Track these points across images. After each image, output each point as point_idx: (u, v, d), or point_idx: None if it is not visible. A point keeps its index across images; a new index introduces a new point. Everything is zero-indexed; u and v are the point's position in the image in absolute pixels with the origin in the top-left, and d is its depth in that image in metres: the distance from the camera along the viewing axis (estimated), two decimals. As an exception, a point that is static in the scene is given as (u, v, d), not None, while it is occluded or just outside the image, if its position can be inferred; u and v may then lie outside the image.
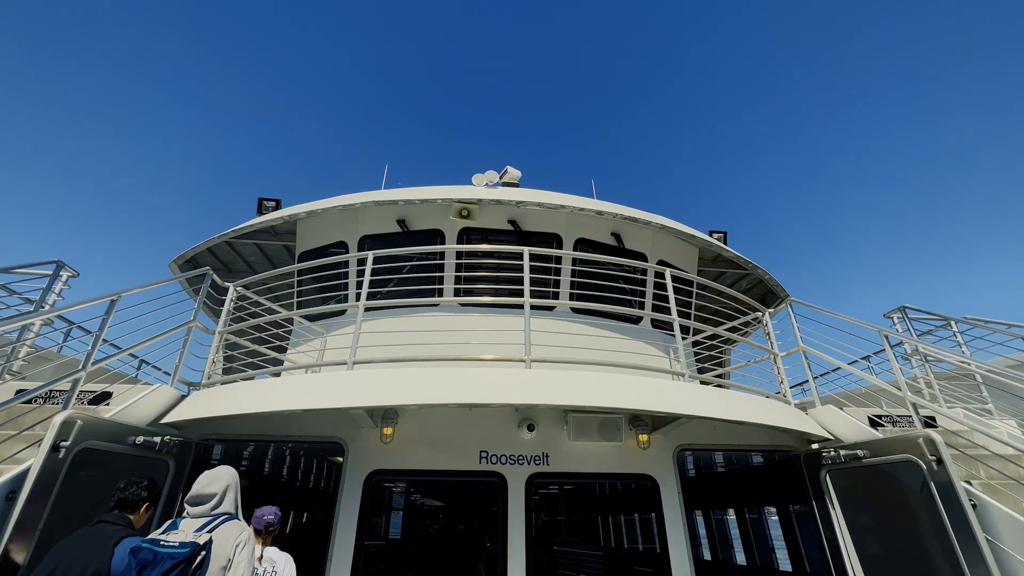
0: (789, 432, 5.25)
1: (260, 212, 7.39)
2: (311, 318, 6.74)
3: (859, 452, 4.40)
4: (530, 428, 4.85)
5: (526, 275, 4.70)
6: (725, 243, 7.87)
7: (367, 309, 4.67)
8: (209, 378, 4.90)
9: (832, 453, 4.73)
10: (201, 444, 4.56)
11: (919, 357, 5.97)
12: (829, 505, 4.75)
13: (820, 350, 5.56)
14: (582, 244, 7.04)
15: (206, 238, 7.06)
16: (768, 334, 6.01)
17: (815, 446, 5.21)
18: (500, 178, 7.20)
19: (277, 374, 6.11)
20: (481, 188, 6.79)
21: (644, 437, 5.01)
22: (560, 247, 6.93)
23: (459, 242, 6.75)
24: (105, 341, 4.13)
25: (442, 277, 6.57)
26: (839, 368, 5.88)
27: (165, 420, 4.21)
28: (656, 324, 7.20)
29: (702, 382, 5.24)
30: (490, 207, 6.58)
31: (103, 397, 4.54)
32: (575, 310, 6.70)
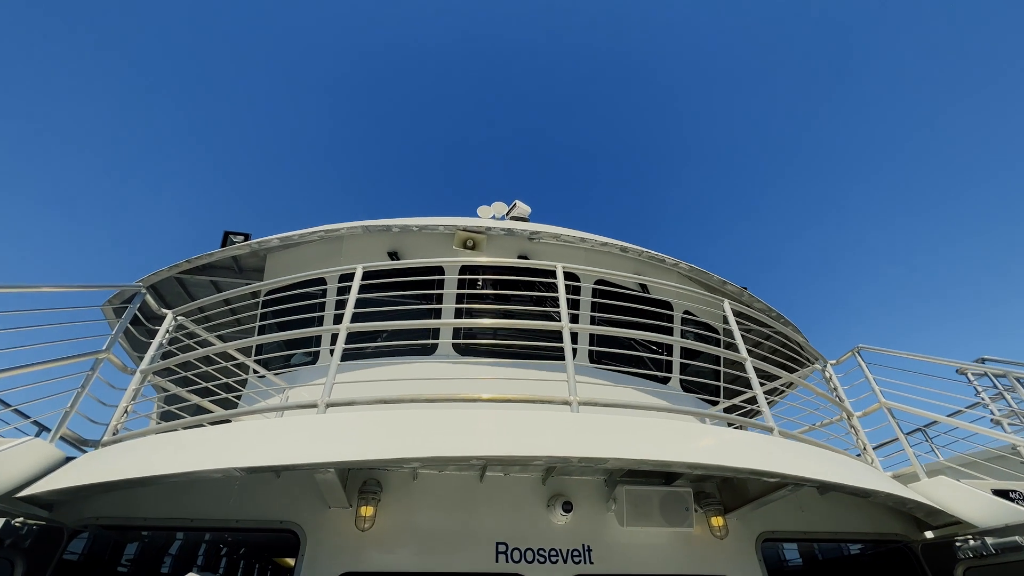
0: (901, 514, 4.03)
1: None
2: (270, 364, 5.39)
3: (1019, 540, 3.22)
4: (566, 508, 3.49)
5: (562, 294, 3.65)
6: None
7: (347, 354, 3.41)
8: (115, 434, 3.45)
9: (971, 543, 3.52)
10: (80, 533, 3.03)
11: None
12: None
13: (908, 404, 4.54)
14: (602, 288, 6.10)
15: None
16: (835, 388, 4.97)
17: (930, 534, 3.98)
18: (508, 213, 6.38)
19: None
20: (488, 219, 5.92)
21: (719, 521, 3.69)
22: (577, 292, 5.96)
23: (460, 283, 5.72)
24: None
25: (437, 321, 5.43)
26: (930, 425, 4.81)
27: (25, 493, 2.74)
28: (687, 386, 6.10)
29: None
30: (499, 238, 5.67)
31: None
32: (595, 363, 5.60)
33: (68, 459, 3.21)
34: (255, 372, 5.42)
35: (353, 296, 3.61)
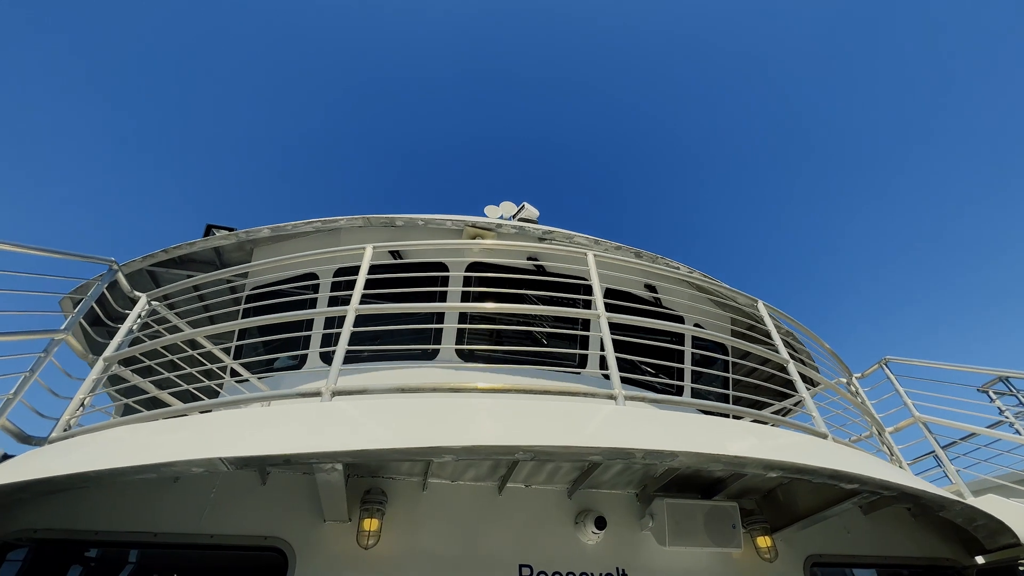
0: (950, 536, 3.72)
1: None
2: (251, 369, 4.84)
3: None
4: (599, 525, 3.05)
5: (595, 281, 3.33)
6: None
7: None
8: (67, 430, 2.88)
9: (1036, 565, 3.20)
10: (13, 548, 2.44)
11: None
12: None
13: (942, 417, 4.30)
14: (612, 297, 5.80)
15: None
16: (863, 401, 4.71)
17: (981, 559, 3.67)
18: (515, 214, 6.09)
19: None
20: (498, 218, 5.61)
21: (766, 541, 3.29)
22: (588, 303, 5.64)
23: (466, 282, 5.33)
24: None
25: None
26: (966, 439, 4.56)
27: (-57, 494, 2.17)
28: (699, 398, 5.77)
29: None
30: (510, 236, 5.34)
31: None
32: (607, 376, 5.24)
33: (4, 456, 2.64)
34: (234, 375, 4.85)
35: (363, 275, 3.21)
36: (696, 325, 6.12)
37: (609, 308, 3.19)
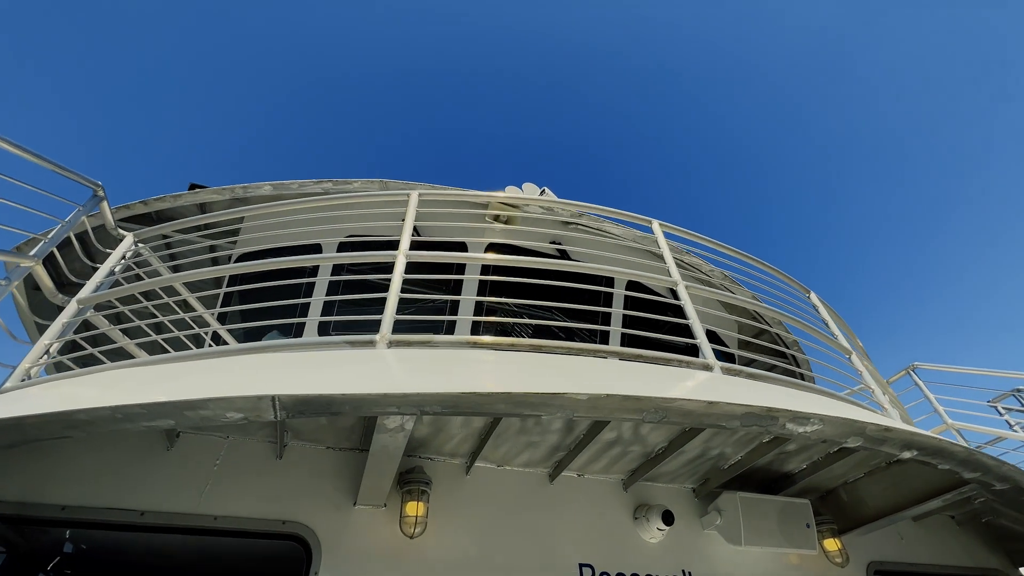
0: (996, 546, 3.57)
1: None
2: (238, 337, 4.24)
3: None
4: (667, 520, 2.67)
5: (665, 249, 3.03)
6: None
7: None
8: (26, 378, 2.26)
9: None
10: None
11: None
12: None
13: (971, 423, 4.23)
14: (633, 291, 5.52)
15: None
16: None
17: (1027, 569, 3.53)
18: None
19: None
20: (528, 194, 5.26)
21: (835, 544, 3.01)
22: (610, 293, 5.34)
23: (483, 269, 4.94)
24: None
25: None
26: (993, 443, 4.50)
27: None
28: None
29: None
30: (534, 219, 5.00)
31: None
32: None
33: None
34: (218, 340, 4.22)
35: (410, 221, 2.78)
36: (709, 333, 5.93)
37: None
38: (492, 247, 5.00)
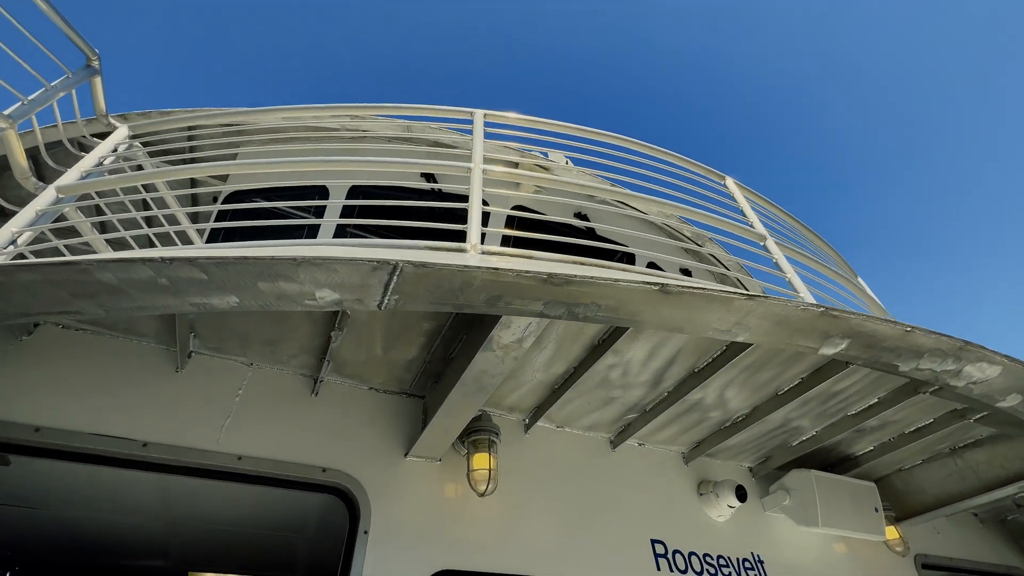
0: (1016, 545, 3.54)
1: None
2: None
3: None
4: (740, 495, 2.41)
5: (743, 204, 2.78)
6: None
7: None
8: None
9: None
10: None
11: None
12: None
13: None
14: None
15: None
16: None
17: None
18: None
19: None
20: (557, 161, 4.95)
21: (896, 532, 2.84)
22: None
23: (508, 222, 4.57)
24: None
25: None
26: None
27: None
28: None
29: None
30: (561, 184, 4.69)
31: None
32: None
33: None
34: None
35: (479, 138, 2.40)
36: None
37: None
38: (516, 208, 4.65)
